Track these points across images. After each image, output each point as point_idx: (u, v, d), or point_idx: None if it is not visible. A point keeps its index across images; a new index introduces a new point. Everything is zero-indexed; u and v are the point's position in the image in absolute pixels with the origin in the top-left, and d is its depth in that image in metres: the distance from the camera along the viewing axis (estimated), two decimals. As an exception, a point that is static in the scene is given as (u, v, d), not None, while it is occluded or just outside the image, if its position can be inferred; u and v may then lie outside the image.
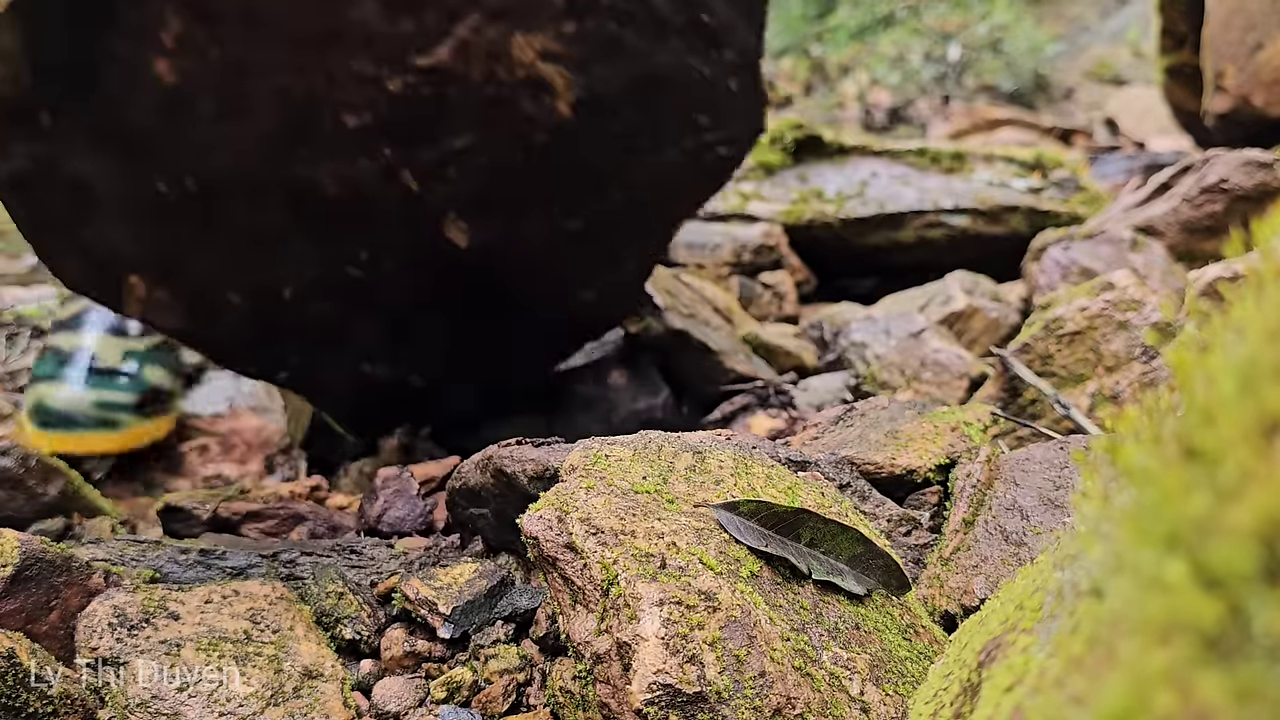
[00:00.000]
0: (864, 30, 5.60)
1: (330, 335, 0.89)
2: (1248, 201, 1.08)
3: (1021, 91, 4.19)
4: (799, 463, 0.63)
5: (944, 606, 0.57)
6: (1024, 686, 0.30)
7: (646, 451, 0.56)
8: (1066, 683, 0.25)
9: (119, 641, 0.53)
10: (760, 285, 1.44)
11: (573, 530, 0.48)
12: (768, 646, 0.45)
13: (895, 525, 0.63)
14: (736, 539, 0.50)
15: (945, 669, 0.43)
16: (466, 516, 0.68)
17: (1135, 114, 3.11)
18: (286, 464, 1.17)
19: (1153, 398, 0.25)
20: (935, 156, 1.64)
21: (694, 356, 1.06)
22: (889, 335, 1.10)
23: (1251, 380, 0.18)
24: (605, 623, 0.45)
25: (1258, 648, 0.15)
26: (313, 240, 0.80)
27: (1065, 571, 0.35)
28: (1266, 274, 0.21)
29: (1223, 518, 0.17)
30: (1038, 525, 0.59)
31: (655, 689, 0.42)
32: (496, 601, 0.60)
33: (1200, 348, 0.21)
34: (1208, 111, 1.46)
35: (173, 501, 0.80)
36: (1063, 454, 0.64)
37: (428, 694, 0.56)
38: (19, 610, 0.55)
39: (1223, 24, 1.40)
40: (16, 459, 0.79)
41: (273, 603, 0.59)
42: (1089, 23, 5.19)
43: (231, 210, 0.77)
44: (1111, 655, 0.20)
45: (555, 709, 0.53)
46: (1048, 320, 0.89)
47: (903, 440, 0.68)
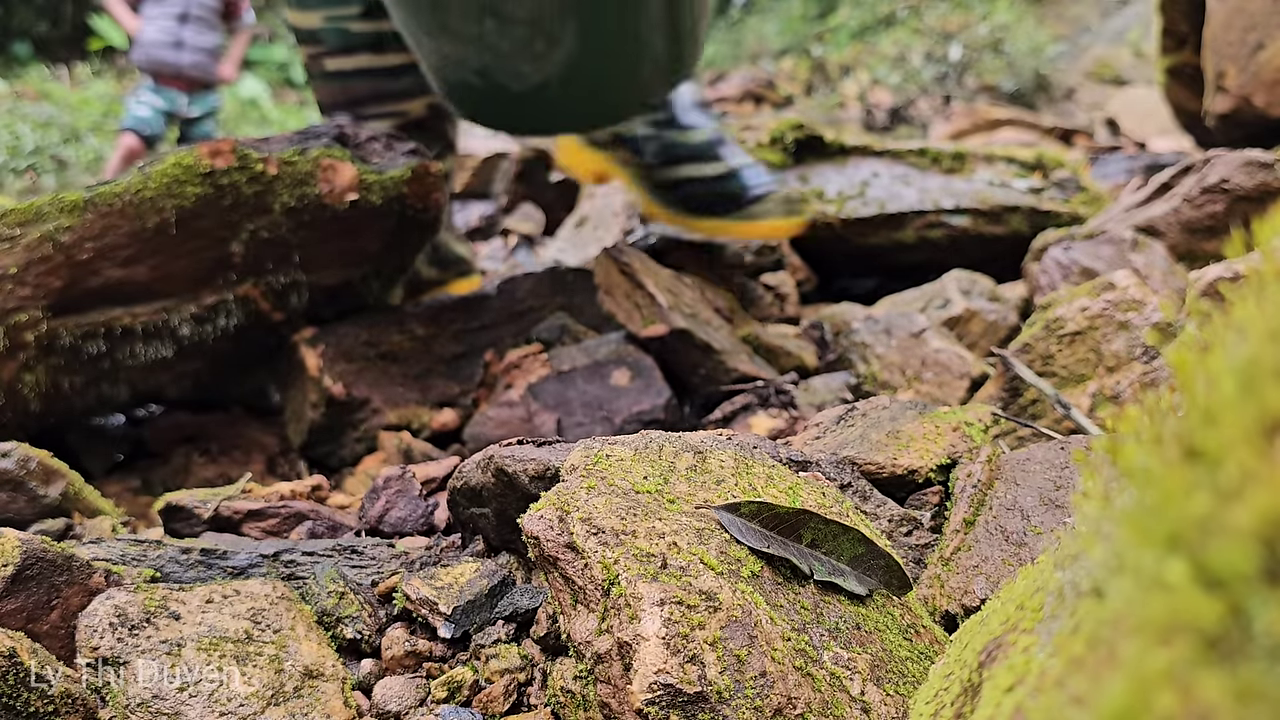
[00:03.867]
0: (865, 30, 5.60)
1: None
2: (1249, 202, 1.08)
3: (1022, 92, 4.18)
4: (800, 463, 0.63)
5: (945, 606, 0.57)
6: (1025, 687, 0.30)
7: (647, 451, 0.56)
8: (1067, 683, 0.25)
9: (120, 641, 0.53)
10: (762, 286, 1.44)
11: (574, 530, 0.48)
12: (769, 646, 0.45)
13: (896, 525, 0.63)
14: (738, 540, 0.50)
15: (946, 669, 0.43)
16: (467, 516, 0.68)
17: (1136, 114, 3.10)
18: (287, 464, 1.17)
19: (1154, 398, 0.25)
20: (936, 157, 1.63)
21: (697, 356, 1.06)
22: (890, 335, 1.10)
23: (1253, 380, 0.18)
24: (606, 622, 0.45)
25: (1258, 648, 0.15)
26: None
27: (1066, 572, 0.35)
28: (1267, 274, 0.21)
29: (1224, 518, 0.17)
30: (1038, 525, 0.59)
31: (656, 689, 0.42)
32: (497, 601, 0.60)
33: (1201, 348, 0.21)
34: (1209, 112, 1.46)
35: (174, 500, 0.80)
36: (1063, 454, 0.64)
37: (428, 694, 0.56)
38: (20, 610, 0.55)
39: (1224, 24, 1.40)
40: (17, 460, 0.79)
41: (274, 602, 0.59)
42: (1090, 23, 5.19)
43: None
44: (1112, 655, 0.20)
45: (556, 709, 0.53)
46: (1049, 320, 0.89)
47: (904, 440, 0.68)
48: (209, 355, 1.11)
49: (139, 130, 3.67)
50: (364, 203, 1.06)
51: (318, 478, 0.88)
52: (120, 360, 1.04)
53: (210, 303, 1.05)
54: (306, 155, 1.03)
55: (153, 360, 1.06)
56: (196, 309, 1.05)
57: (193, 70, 3.73)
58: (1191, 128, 1.75)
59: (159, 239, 0.98)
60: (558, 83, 1.06)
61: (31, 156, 4.50)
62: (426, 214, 1.12)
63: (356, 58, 1.30)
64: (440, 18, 1.03)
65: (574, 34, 1.02)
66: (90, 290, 0.98)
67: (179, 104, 3.74)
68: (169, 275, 1.01)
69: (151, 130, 3.70)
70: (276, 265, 1.07)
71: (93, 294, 0.99)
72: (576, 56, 1.05)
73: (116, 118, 5.04)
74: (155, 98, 3.71)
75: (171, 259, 1.00)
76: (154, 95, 3.71)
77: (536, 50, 1.03)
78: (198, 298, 1.05)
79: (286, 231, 1.05)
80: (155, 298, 1.02)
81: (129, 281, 1.00)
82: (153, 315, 1.03)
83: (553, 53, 1.03)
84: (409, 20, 1.07)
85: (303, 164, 1.02)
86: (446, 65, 1.08)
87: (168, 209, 0.97)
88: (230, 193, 0.99)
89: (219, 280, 1.05)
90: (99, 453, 1.13)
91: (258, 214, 1.02)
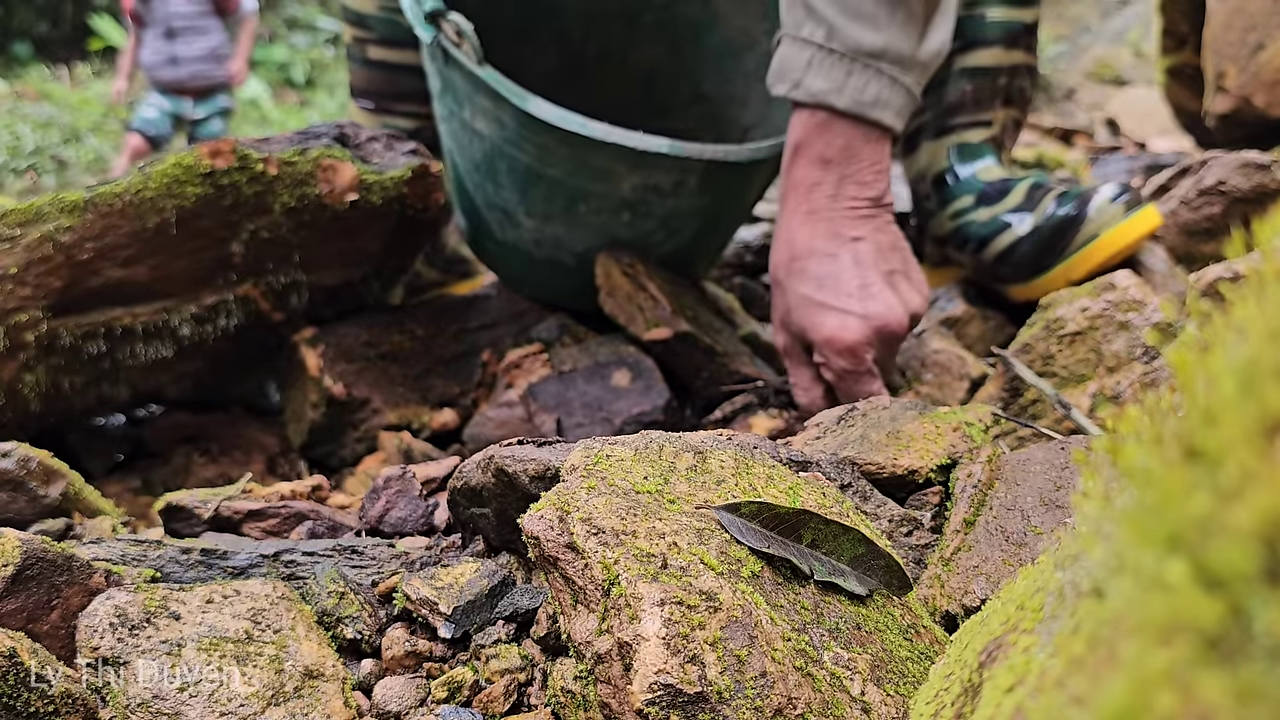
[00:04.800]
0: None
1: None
2: (1246, 204, 1.08)
3: (1022, 92, 4.18)
4: (800, 463, 0.63)
5: (945, 607, 0.57)
6: (1025, 687, 0.30)
7: (648, 451, 0.56)
8: (1068, 683, 0.25)
9: (120, 641, 0.53)
10: (762, 286, 1.44)
11: (574, 530, 0.48)
12: (769, 647, 0.45)
13: (896, 525, 0.63)
14: (738, 540, 0.50)
15: (946, 669, 0.43)
16: (468, 516, 0.68)
17: (1136, 115, 3.10)
18: (287, 464, 1.17)
19: (1154, 398, 0.25)
20: (936, 157, 1.63)
21: (700, 359, 1.06)
22: (890, 336, 1.10)
23: (1253, 380, 0.18)
24: (606, 623, 0.45)
25: (1259, 648, 0.15)
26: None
27: (1066, 572, 0.35)
28: (1267, 274, 0.21)
29: (1224, 518, 0.17)
30: (1038, 525, 0.59)
31: (656, 689, 0.42)
32: (497, 601, 0.60)
33: (1201, 348, 0.21)
34: (1209, 112, 1.46)
35: (174, 500, 0.80)
36: (1064, 454, 0.64)
37: (429, 694, 0.56)
38: (20, 610, 0.55)
39: (1224, 25, 1.40)
40: (17, 460, 0.79)
41: (274, 602, 0.59)
42: (1090, 23, 5.19)
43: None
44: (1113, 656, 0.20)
45: (556, 709, 0.53)
46: (1049, 320, 0.89)
47: (904, 440, 0.68)
48: (209, 355, 1.11)
49: (144, 131, 3.72)
50: (364, 203, 1.06)
51: (318, 478, 0.88)
52: (120, 360, 1.04)
53: (210, 303, 1.05)
54: (307, 155, 1.03)
55: (153, 360, 1.06)
56: (197, 309, 1.05)
57: (194, 81, 3.77)
58: (1191, 128, 1.75)
59: (159, 239, 0.98)
60: (655, 263, 1.13)
61: (31, 156, 4.50)
62: (427, 214, 1.13)
63: (402, 52, 1.30)
64: (571, 207, 1.07)
65: (694, 230, 1.11)
66: (90, 290, 0.98)
67: (184, 108, 3.79)
68: (169, 275, 1.01)
69: (157, 131, 3.74)
70: (277, 265, 1.07)
71: (93, 294, 0.99)
72: (686, 244, 1.13)
73: (117, 118, 5.05)
74: (162, 100, 3.76)
75: (172, 259, 1.01)
76: (161, 98, 3.76)
77: (654, 240, 1.11)
78: (198, 298, 1.05)
79: (287, 231, 1.05)
80: (155, 298, 1.02)
81: (129, 281, 1.00)
82: (153, 315, 1.03)
83: (668, 243, 1.12)
84: (518, 201, 1.10)
85: (303, 164, 1.02)
86: (539, 244, 1.13)
87: (168, 209, 0.97)
88: (230, 193, 0.99)
89: (219, 280, 1.05)
90: (99, 453, 1.13)
91: (258, 214, 1.02)
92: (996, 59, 1.17)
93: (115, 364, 1.04)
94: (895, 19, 0.87)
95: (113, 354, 1.03)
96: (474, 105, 1.05)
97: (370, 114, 1.36)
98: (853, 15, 0.88)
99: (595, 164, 1.02)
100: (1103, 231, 1.03)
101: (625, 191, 1.04)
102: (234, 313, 1.07)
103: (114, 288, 0.99)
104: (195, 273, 1.03)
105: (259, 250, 1.05)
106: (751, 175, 1.08)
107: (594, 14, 1.37)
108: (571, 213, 1.08)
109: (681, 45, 1.36)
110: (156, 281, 1.01)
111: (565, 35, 1.39)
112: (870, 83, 0.89)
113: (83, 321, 0.99)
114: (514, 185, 1.08)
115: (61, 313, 0.98)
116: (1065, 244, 1.05)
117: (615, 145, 0.99)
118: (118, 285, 0.99)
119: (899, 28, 0.88)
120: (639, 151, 0.99)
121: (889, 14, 0.87)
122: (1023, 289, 1.12)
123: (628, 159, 1.00)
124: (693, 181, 1.04)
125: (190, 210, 0.98)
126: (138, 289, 1.01)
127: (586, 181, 1.04)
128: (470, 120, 1.08)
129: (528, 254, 1.16)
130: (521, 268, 1.20)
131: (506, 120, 1.02)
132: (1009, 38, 1.17)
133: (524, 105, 0.99)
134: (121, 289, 1.00)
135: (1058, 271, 1.07)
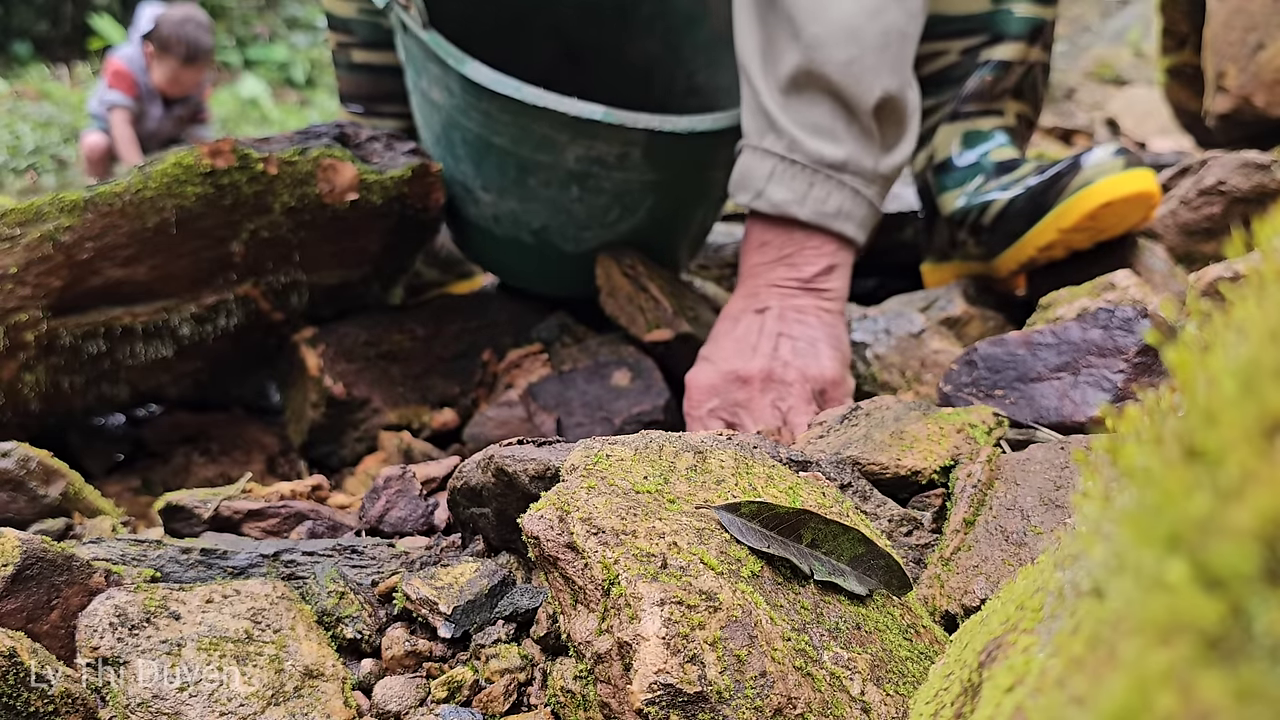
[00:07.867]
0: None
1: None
2: (1245, 203, 1.08)
3: (1022, 92, 4.17)
4: (800, 463, 0.63)
5: (945, 606, 0.57)
6: (1025, 687, 0.30)
7: (648, 451, 0.56)
8: (1068, 683, 0.25)
9: (120, 641, 0.53)
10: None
11: (574, 530, 0.48)
12: (769, 646, 0.45)
13: (896, 525, 0.63)
14: (738, 540, 0.50)
15: (946, 669, 0.43)
16: (468, 516, 0.68)
17: (1136, 114, 3.10)
18: (287, 464, 1.17)
19: (1154, 398, 0.25)
20: (936, 157, 1.63)
21: (696, 357, 1.06)
22: (889, 335, 1.10)
23: (1253, 380, 0.18)
24: (606, 622, 0.45)
25: (1259, 648, 0.15)
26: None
27: (1066, 572, 0.35)
28: (1267, 274, 0.21)
29: (1224, 518, 0.17)
30: (1038, 525, 0.59)
31: (656, 689, 0.42)
32: (497, 601, 0.60)
33: (1202, 348, 0.21)
34: (1209, 112, 1.46)
35: (174, 500, 0.80)
36: (1064, 454, 0.64)
37: (428, 693, 0.56)
38: (20, 609, 0.55)
39: (1224, 24, 1.40)
40: (17, 460, 0.79)
41: (274, 602, 0.59)
42: (1090, 23, 5.19)
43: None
44: (1113, 655, 0.20)
45: (556, 709, 0.53)
46: (1049, 320, 0.89)
47: (908, 441, 0.68)
48: (209, 355, 1.11)
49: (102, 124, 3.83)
50: (364, 203, 1.06)
51: (318, 477, 0.88)
52: (120, 360, 1.04)
53: (210, 303, 1.05)
54: (307, 155, 1.03)
55: (153, 360, 1.06)
56: (197, 309, 1.05)
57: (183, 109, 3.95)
58: (1192, 128, 1.75)
59: (159, 239, 0.98)
60: (616, 245, 1.13)
61: (31, 156, 4.50)
62: (427, 214, 1.13)
63: (385, 54, 1.30)
64: (521, 179, 1.07)
65: (648, 207, 1.10)
66: (90, 290, 0.98)
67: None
68: (169, 275, 1.02)
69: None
70: (277, 265, 1.07)
71: (93, 294, 0.99)
72: (645, 224, 1.12)
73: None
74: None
75: (172, 259, 1.01)
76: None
77: (609, 219, 1.10)
78: (198, 298, 1.05)
79: (287, 231, 1.05)
80: (155, 297, 1.02)
81: (129, 281, 1.00)
82: (153, 315, 1.03)
83: (623, 222, 1.10)
84: (473, 174, 1.10)
85: (303, 164, 1.02)
86: (498, 220, 1.13)
87: (168, 209, 0.97)
88: (230, 192, 0.99)
89: (219, 280, 1.05)
90: (99, 453, 1.13)
91: (258, 214, 1.02)
92: (1019, 54, 1.17)
93: (115, 364, 1.04)
94: (852, 133, 0.89)
95: (113, 354, 1.02)
96: (429, 74, 1.06)
97: (361, 118, 1.36)
98: (812, 130, 0.89)
99: (537, 131, 1.01)
100: (1097, 179, 1.01)
101: (570, 163, 1.04)
102: (234, 313, 1.07)
103: (114, 287, 0.99)
104: (195, 272, 1.03)
105: (259, 250, 1.05)
106: (703, 151, 1.07)
107: (589, 6, 1.37)
108: (523, 185, 1.07)
109: (676, 38, 1.36)
110: (156, 281, 1.01)
111: (562, 28, 1.39)
112: (833, 194, 0.90)
113: (83, 321, 0.99)
114: (469, 157, 1.09)
115: (61, 312, 0.98)
116: (1060, 189, 1.03)
117: (553, 111, 0.98)
118: (118, 285, 0.99)
119: (857, 142, 0.90)
120: (576, 118, 0.99)
121: (846, 128, 0.89)
122: (1015, 248, 1.10)
123: (569, 127, 1.00)
124: (636, 154, 1.03)
125: (190, 210, 0.98)
126: (138, 289, 1.01)
127: (532, 151, 1.04)
128: (428, 90, 1.08)
129: (489, 231, 1.16)
130: (485, 246, 1.21)
131: (454, 87, 1.03)
132: (1032, 33, 1.17)
133: (460, 68, 0.99)
134: (121, 289, 1.00)
135: (1049, 219, 1.04)
